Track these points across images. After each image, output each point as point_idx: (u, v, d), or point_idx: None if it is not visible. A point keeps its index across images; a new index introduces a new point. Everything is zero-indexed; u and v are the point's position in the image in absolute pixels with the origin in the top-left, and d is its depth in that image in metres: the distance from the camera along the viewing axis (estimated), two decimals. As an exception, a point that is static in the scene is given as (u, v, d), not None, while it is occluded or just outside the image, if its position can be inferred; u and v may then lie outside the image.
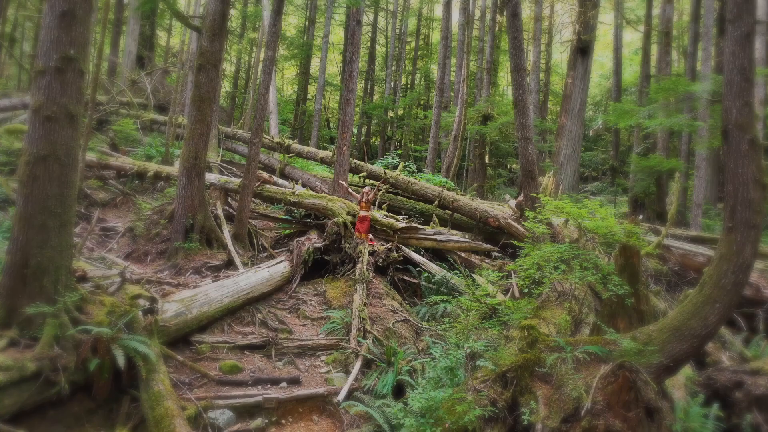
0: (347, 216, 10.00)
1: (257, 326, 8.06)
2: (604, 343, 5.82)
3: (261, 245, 10.71)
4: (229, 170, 14.34)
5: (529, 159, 9.66)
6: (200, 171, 9.65)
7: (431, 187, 11.96)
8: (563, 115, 21.89)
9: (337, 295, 9.06)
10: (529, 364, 5.79)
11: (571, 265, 6.52)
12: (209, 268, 9.25)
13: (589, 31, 22.66)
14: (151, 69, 22.90)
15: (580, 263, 6.34)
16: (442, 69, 19.09)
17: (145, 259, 9.53)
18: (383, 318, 8.41)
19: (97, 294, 6.29)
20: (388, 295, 9.04)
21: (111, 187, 12.27)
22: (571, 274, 6.57)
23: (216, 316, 7.56)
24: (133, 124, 15.80)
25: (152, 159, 13.55)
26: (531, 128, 9.80)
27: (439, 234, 10.26)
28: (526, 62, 9.68)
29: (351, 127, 11.72)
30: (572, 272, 6.54)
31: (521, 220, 10.24)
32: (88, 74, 6.69)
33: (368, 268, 9.10)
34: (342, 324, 8.09)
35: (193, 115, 9.58)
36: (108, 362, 5.53)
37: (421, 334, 8.54)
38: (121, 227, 10.60)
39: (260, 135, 10.61)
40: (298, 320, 8.62)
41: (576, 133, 21.75)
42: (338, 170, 11.49)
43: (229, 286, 8.06)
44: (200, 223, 9.65)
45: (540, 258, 6.57)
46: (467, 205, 11.21)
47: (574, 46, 22.61)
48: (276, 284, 9.09)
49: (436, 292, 9.79)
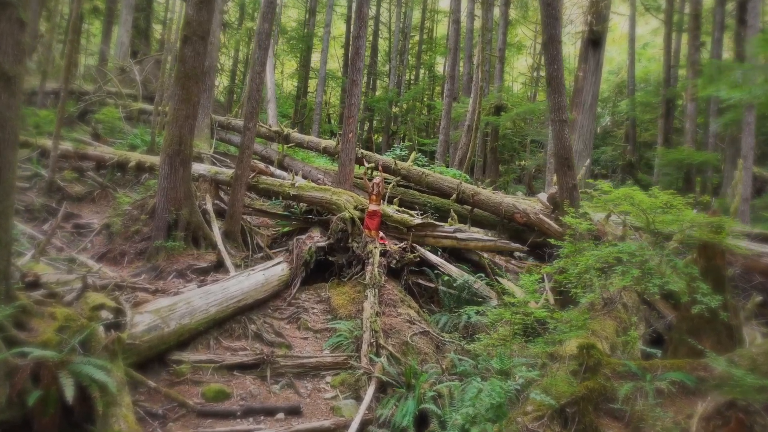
0: (355, 211, 8.80)
1: (250, 340, 6.87)
2: (689, 369, 4.60)
3: (256, 244, 9.52)
4: (223, 162, 13.16)
5: (565, 144, 8.46)
6: (185, 159, 8.46)
7: (448, 179, 10.75)
8: (574, 110, 21.20)
9: (344, 303, 7.87)
10: (593, 396, 4.59)
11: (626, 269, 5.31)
12: (195, 271, 8.06)
13: (601, 21, 21.84)
14: (142, 57, 21.70)
15: (643, 267, 5.14)
16: (453, 55, 17.93)
17: (122, 261, 8.35)
18: (399, 330, 7.22)
19: (48, 304, 5.11)
20: (403, 303, 7.85)
21: (88, 180, 11.10)
22: (622, 278, 5.38)
23: (200, 329, 6.37)
24: (117, 113, 14.60)
25: (137, 149, 12.39)
26: (566, 109, 8.61)
27: (459, 232, 9.07)
28: (560, 32, 8.48)
29: (357, 112, 10.53)
30: (623, 277, 5.34)
31: (554, 216, 9.04)
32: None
33: (380, 271, 7.91)
34: (350, 337, 6.90)
35: (178, 95, 8.39)
36: (54, 394, 4.35)
37: (443, 349, 7.34)
38: (97, 224, 9.42)
39: (255, 119, 9.41)
40: (298, 332, 7.43)
41: (587, 129, 21.02)
42: (343, 160, 10.28)
43: (217, 293, 6.88)
44: (185, 218, 8.46)
45: (597, 260, 5.37)
46: (490, 199, 10.01)
47: (586, 37, 21.96)
48: (273, 289, 7.91)
49: (457, 299, 8.60)
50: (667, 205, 4.81)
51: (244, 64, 34.77)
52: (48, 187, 10.07)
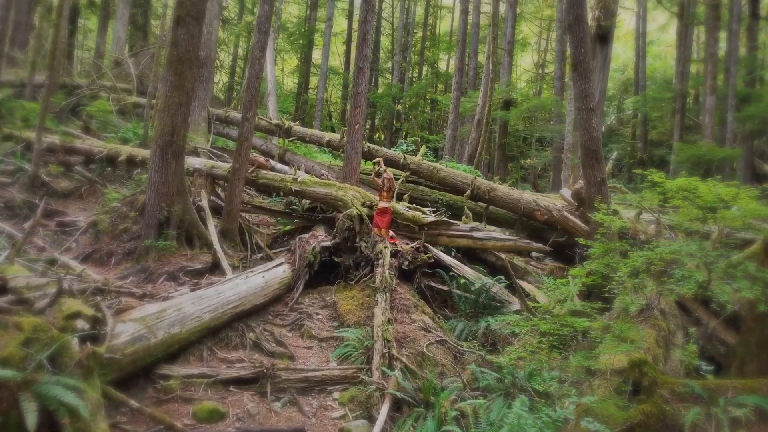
0: (363, 207, 8.13)
1: (248, 350, 6.22)
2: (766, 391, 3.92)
3: (255, 244, 8.87)
4: (221, 158, 12.48)
5: (593, 135, 7.79)
6: (178, 150, 7.79)
7: (462, 174, 10.07)
8: None
9: (352, 308, 7.20)
10: (651, 423, 3.96)
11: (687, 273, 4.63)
12: (189, 273, 7.40)
13: (609, 16, 21.30)
14: (138, 50, 21.03)
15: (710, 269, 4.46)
16: (461, 47, 17.28)
17: (109, 262, 7.69)
18: (413, 339, 6.55)
19: (14, 313, 4.45)
20: (416, 308, 7.18)
21: (76, 175, 10.43)
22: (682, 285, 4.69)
23: (192, 338, 5.71)
24: (109, 106, 13.91)
25: (129, 143, 11.73)
26: (594, 96, 7.94)
27: (475, 230, 8.40)
28: (587, 14, 7.83)
29: (364, 102, 9.85)
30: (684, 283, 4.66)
31: (579, 213, 8.37)
32: None
33: (391, 273, 7.24)
34: (360, 347, 6.24)
35: (170, 80, 7.72)
36: (15, 420, 3.69)
37: (462, 360, 6.67)
38: (83, 222, 8.76)
39: (254, 109, 8.75)
40: (302, 341, 6.77)
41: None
42: (349, 153, 9.61)
43: (212, 297, 6.22)
44: (178, 215, 7.79)
45: (645, 260, 4.70)
46: (507, 195, 9.34)
47: (593, 33, 21.43)
48: (273, 293, 7.25)
49: (474, 304, 7.93)
50: (732, 197, 4.14)
51: (243, 60, 34.14)
52: (31, 183, 9.41)
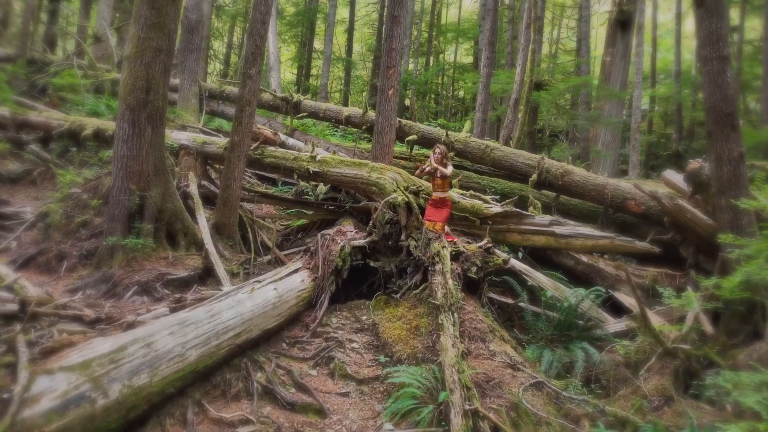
0: (407, 194, 6.10)
1: (255, 401, 4.22)
2: None
3: (260, 243, 6.85)
4: (215, 137, 10.43)
5: (726, 94, 5.79)
6: (156, 114, 5.76)
7: (524, 153, 8.03)
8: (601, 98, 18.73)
9: (402, 334, 5.19)
10: None
11: None
12: (169, 284, 5.38)
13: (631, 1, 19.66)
14: (120, 24, 18.98)
15: None
16: (493, 18, 15.30)
17: (59, 267, 5.69)
18: (499, 381, 4.54)
19: None
20: (494, 334, 5.16)
21: (30, 154, 8.40)
22: None
23: (169, 391, 3.71)
24: (78, 79, 11.84)
25: (100, 117, 9.72)
26: (726, 41, 5.94)
27: (557, 225, 6.40)
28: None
29: (399, 60, 7.79)
30: None
31: (694, 201, 6.36)
32: None
33: (456, 284, 5.23)
34: (423, 392, 4.22)
35: (144, 17, 5.69)
36: None
37: (567, 411, 4.64)
38: (30, 213, 6.71)
39: (259, 64, 6.73)
40: (332, 383, 4.78)
41: (616, 118, 18.69)
42: (381, 126, 7.54)
43: (202, 323, 4.22)
44: (156, 203, 5.77)
45: None
46: (588, 180, 7.33)
47: (614, 18, 20.04)
48: (289, 312, 5.28)
49: (558, 324, 5.89)
50: None
51: (238, 48, 32.23)
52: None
